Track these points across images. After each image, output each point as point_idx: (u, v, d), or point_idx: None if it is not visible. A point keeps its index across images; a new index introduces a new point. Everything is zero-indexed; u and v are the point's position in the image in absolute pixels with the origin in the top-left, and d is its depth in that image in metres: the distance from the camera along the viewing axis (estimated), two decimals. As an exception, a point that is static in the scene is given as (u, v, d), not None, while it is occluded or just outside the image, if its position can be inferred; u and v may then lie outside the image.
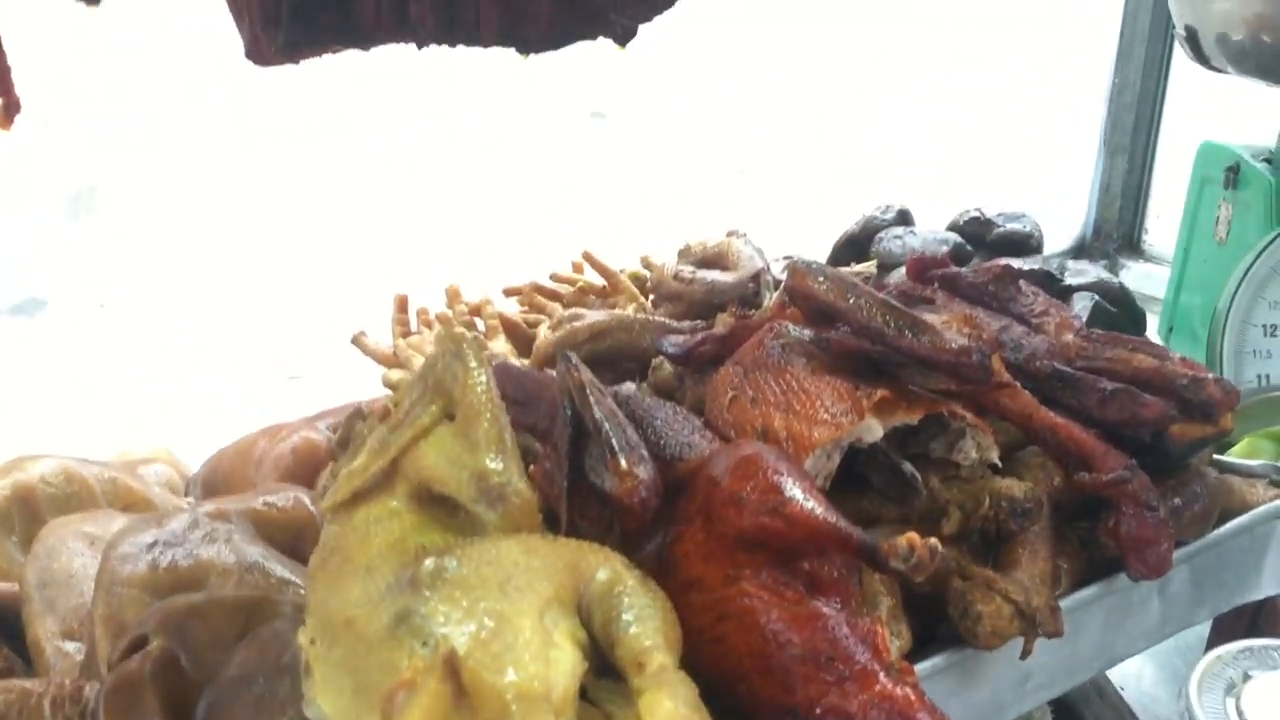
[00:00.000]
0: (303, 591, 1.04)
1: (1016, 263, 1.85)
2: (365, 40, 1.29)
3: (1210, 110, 2.32)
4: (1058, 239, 2.46)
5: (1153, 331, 1.94)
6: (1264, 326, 1.64)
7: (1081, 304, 1.79)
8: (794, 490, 0.85)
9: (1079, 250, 2.46)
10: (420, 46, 1.30)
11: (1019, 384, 1.07)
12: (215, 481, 1.35)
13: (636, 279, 1.59)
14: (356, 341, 1.52)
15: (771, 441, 1.00)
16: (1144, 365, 1.11)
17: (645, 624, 0.78)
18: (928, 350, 1.00)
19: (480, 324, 1.54)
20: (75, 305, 4.16)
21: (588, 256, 1.60)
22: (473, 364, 0.92)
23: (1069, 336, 1.16)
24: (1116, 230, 2.39)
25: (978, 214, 1.95)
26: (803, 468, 0.92)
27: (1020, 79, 5.46)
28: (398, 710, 0.67)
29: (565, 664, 0.74)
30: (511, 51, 1.32)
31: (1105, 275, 1.85)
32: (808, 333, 1.08)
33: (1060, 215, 2.53)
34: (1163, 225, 2.37)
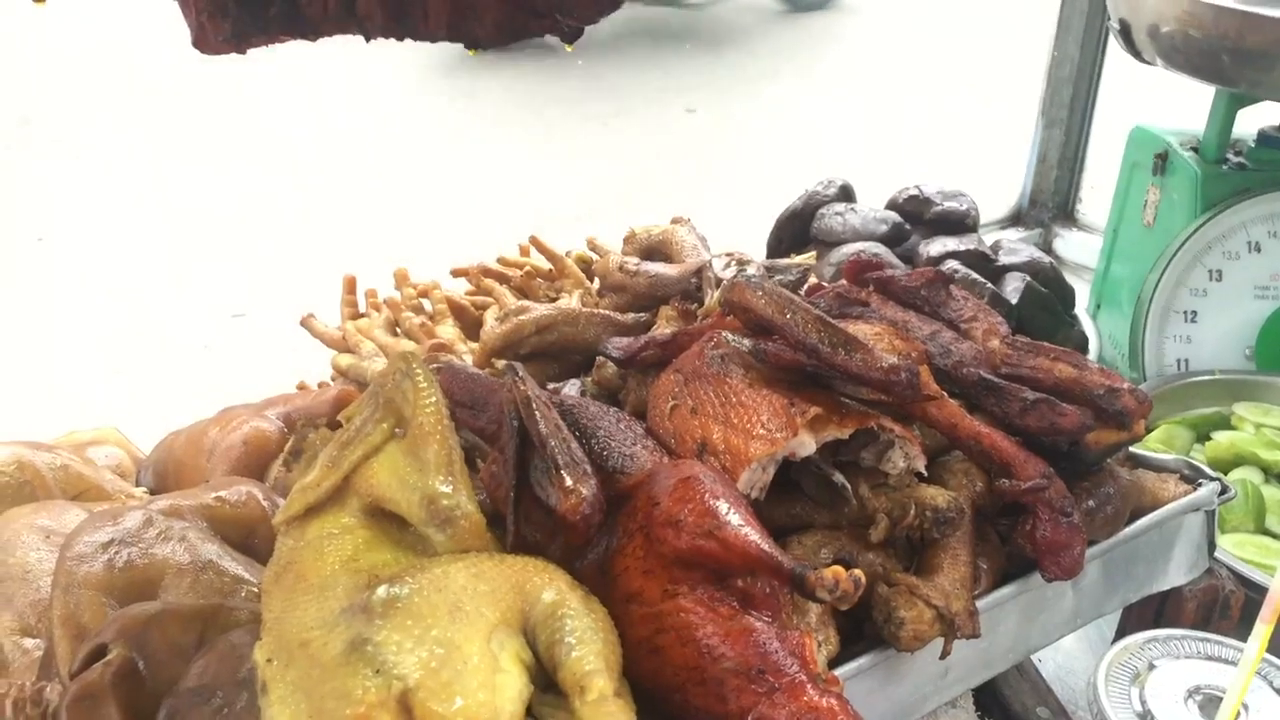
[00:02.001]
0: (255, 590, 1.08)
1: (953, 242, 1.92)
2: (312, 31, 1.30)
3: (1146, 84, 2.37)
4: (996, 207, 2.52)
5: (1082, 305, 2.01)
6: (1185, 313, 1.71)
7: (1014, 284, 1.85)
8: (730, 515, 0.89)
9: (1016, 218, 2.52)
10: (368, 39, 1.30)
11: (945, 392, 1.12)
12: (166, 469, 1.38)
13: (583, 261, 1.62)
14: (305, 324, 1.54)
15: (710, 453, 1.04)
16: (1064, 375, 1.16)
17: (587, 646, 0.83)
18: (859, 368, 1.04)
19: (428, 305, 1.57)
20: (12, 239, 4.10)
21: (534, 240, 1.62)
22: (423, 384, 0.96)
23: (995, 343, 1.21)
24: (1052, 200, 2.46)
25: (916, 192, 1.99)
26: (738, 488, 0.97)
27: (965, 54, 5.54)
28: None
29: (511, 689, 0.78)
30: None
31: (1037, 254, 1.91)
32: (746, 342, 1.12)
33: (999, 184, 2.59)
34: (1096, 196, 2.44)
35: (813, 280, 1.52)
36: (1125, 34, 1.71)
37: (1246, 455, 1.51)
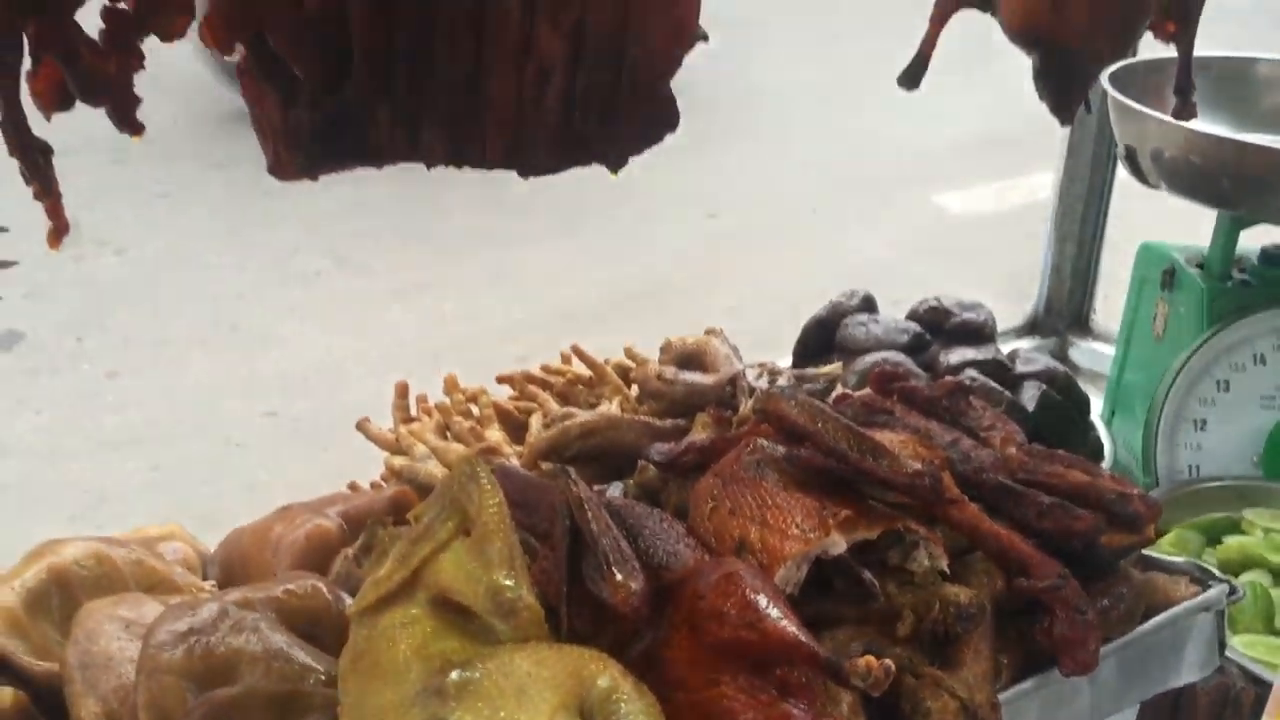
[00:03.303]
0: (324, 678, 1.16)
1: (971, 352, 2.01)
2: (378, 160, 1.41)
3: (1158, 200, 2.49)
4: (1013, 315, 2.62)
5: (1097, 411, 2.09)
6: (1195, 421, 1.79)
7: (1030, 392, 1.94)
8: (769, 608, 0.98)
9: (1032, 326, 2.62)
10: (429, 166, 1.42)
11: (966, 497, 1.21)
12: (232, 564, 1.47)
13: (621, 369, 1.72)
14: (361, 427, 1.64)
15: (748, 552, 1.13)
16: (1077, 481, 1.25)
17: (639, 732, 0.91)
18: (886, 473, 1.13)
19: (475, 410, 1.67)
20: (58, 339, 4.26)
21: (575, 349, 1.73)
22: (487, 486, 1.05)
23: (1012, 450, 1.30)
24: (1067, 309, 2.55)
25: (936, 303, 2.09)
26: (775, 584, 1.05)
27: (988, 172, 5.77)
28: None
29: (572, 766, 0.86)
30: (513, 172, 1.45)
31: (1053, 364, 2.00)
32: (780, 449, 1.21)
33: (1017, 293, 2.70)
34: (1110, 306, 2.54)
35: (839, 390, 1.61)
36: (1131, 159, 1.82)
37: (1255, 558, 1.58)
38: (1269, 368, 1.77)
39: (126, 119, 1.28)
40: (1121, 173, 2.45)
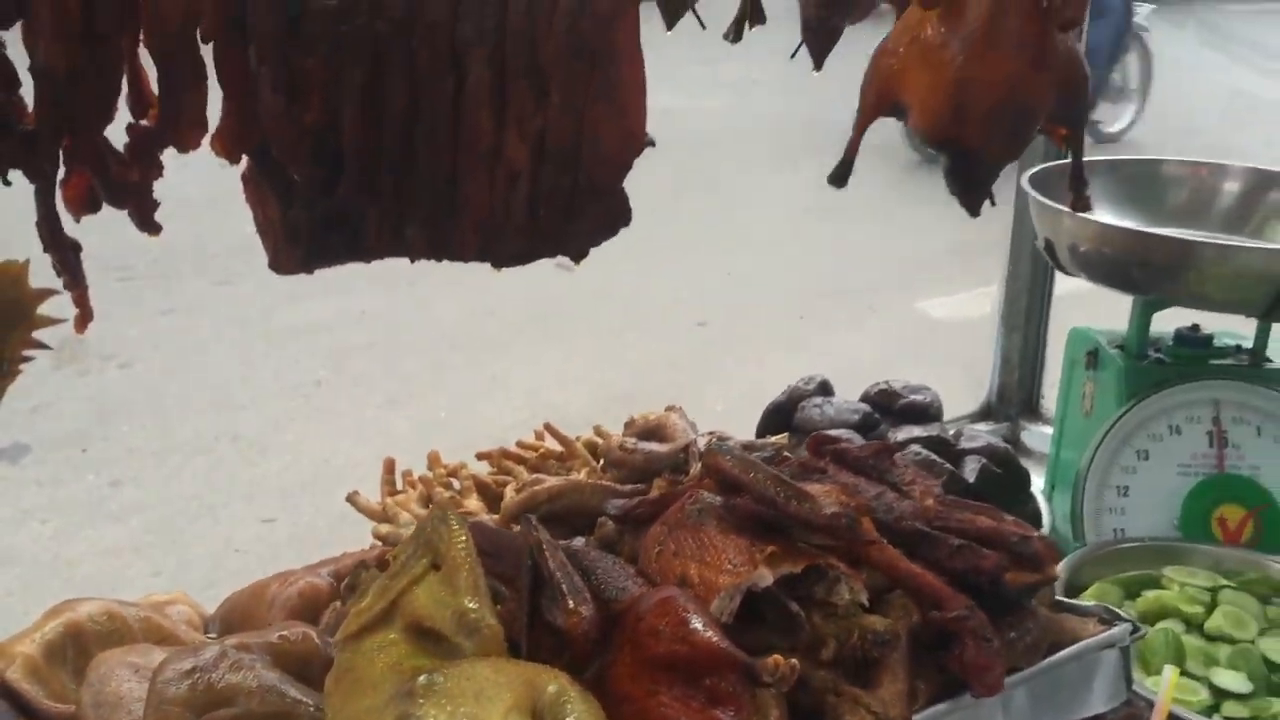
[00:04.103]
0: (313, 709, 1.30)
1: (918, 430, 2.17)
2: (368, 255, 1.59)
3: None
4: (966, 403, 2.79)
5: (1038, 487, 2.25)
6: (1118, 487, 1.95)
7: (971, 465, 2.09)
8: (697, 624, 1.13)
9: (986, 413, 2.78)
10: (412, 260, 1.60)
11: (885, 540, 1.36)
12: (232, 619, 1.61)
13: (589, 446, 1.88)
14: (351, 500, 1.79)
15: (689, 586, 1.28)
16: (985, 525, 1.40)
17: (584, 725, 1.05)
18: (808, 515, 1.29)
19: (456, 483, 1.82)
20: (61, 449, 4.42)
21: (548, 427, 1.89)
22: (455, 527, 1.20)
23: (930, 501, 1.46)
24: (1016, 396, 2.72)
25: (886, 386, 2.26)
26: (708, 608, 1.20)
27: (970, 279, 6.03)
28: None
29: (523, 754, 1.00)
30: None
31: (994, 441, 2.16)
32: (718, 499, 1.37)
33: (969, 381, 2.87)
34: (1056, 392, 2.71)
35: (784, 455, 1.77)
36: (1050, 251, 2.01)
37: (1170, 609, 1.72)
38: (1184, 438, 1.93)
39: (147, 221, 1.48)
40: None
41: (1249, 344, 2.02)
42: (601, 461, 1.81)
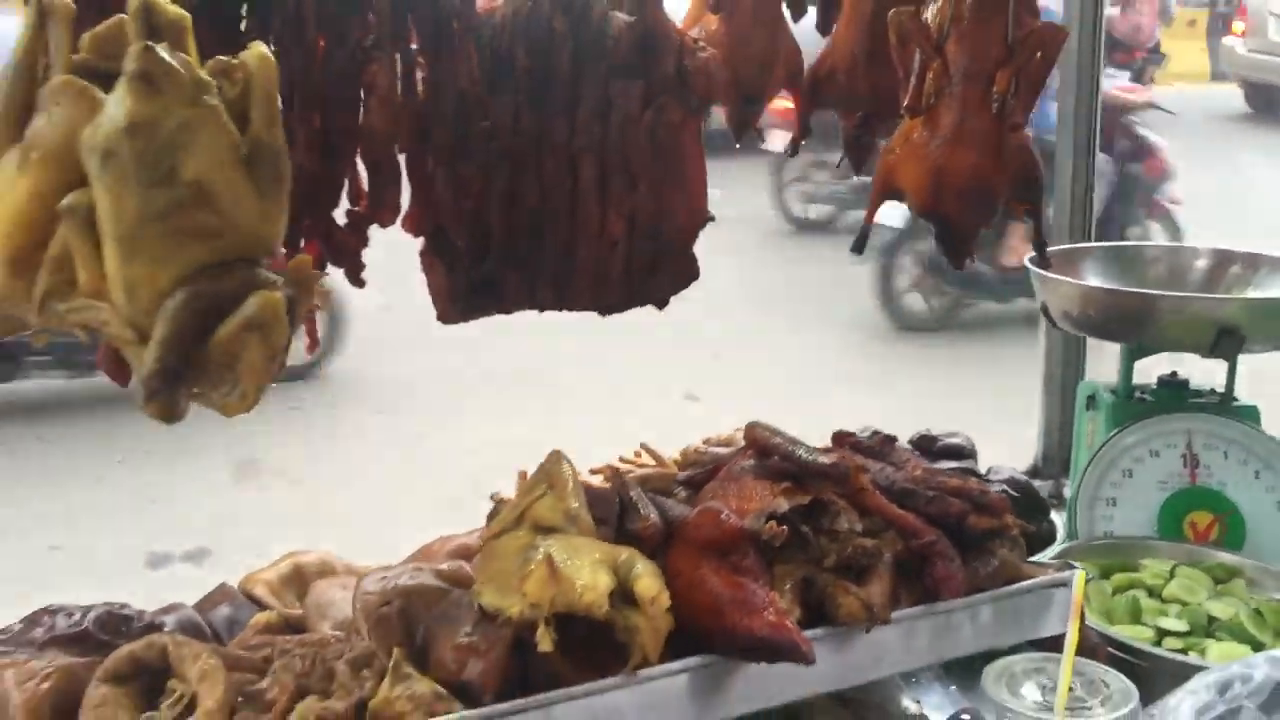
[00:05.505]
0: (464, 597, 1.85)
1: (950, 464, 2.65)
2: (509, 309, 2.18)
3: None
4: (1018, 463, 3.22)
5: (1060, 522, 2.68)
6: (1107, 499, 2.39)
7: (996, 489, 2.55)
8: (725, 517, 1.65)
9: (1034, 473, 3.21)
10: (541, 311, 2.18)
11: (875, 488, 1.86)
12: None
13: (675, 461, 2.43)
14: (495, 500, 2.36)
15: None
16: (954, 484, 1.90)
17: (644, 576, 1.58)
18: (816, 463, 1.81)
19: (574, 490, 2.38)
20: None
21: (644, 447, 2.45)
22: (565, 462, 1.76)
23: (917, 472, 1.96)
24: (1057, 456, 3.16)
25: (926, 431, 2.75)
26: (736, 515, 1.73)
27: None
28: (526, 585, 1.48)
29: (604, 582, 1.53)
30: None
31: (1019, 475, 2.62)
32: (754, 460, 1.90)
33: (1023, 441, 3.32)
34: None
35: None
36: (1046, 312, 2.51)
37: (1136, 583, 2.15)
38: (1162, 459, 2.37)
39: (356, 277, 2.09)
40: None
41: (1223, 388, 2.47)
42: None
